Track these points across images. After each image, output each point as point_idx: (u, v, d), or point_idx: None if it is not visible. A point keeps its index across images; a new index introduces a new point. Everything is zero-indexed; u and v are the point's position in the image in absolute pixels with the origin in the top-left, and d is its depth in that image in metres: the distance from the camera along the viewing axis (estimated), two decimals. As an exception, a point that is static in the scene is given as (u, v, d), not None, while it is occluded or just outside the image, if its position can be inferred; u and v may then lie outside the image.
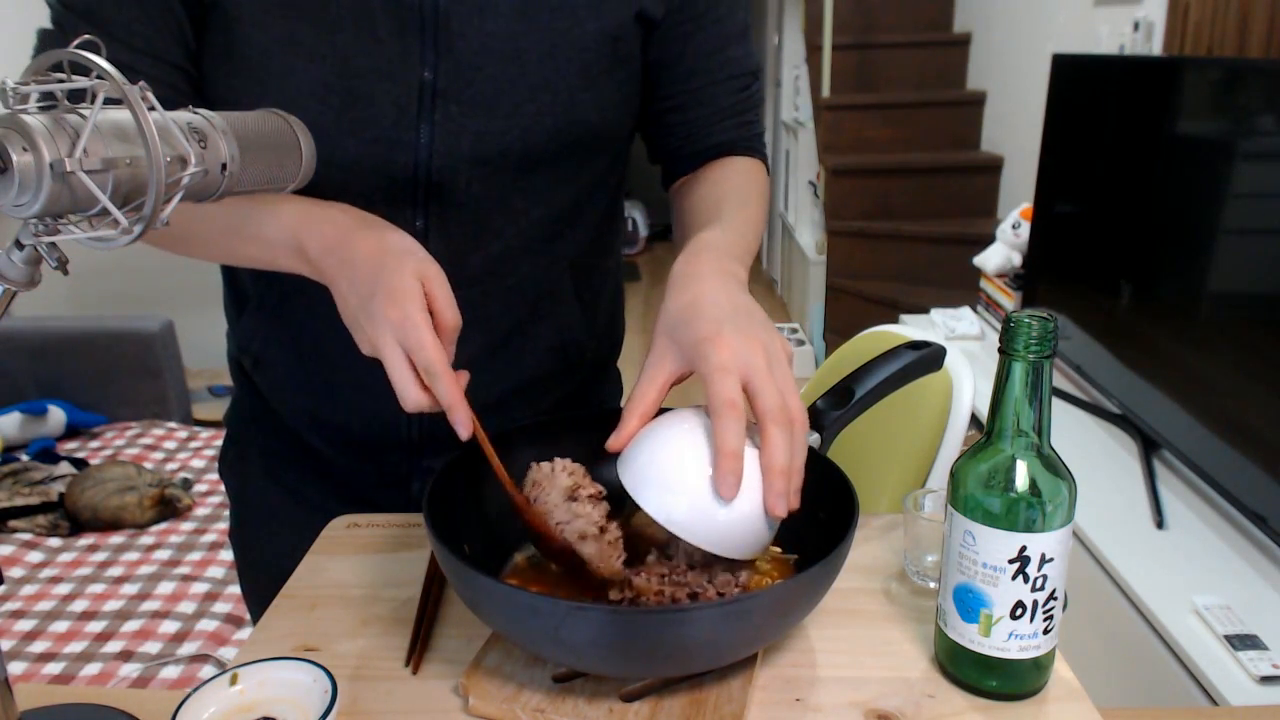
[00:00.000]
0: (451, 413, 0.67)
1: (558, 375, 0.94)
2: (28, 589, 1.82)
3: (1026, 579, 0.61)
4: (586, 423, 0.78)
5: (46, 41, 0.77)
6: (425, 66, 0.77)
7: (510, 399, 0.90)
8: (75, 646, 1.64)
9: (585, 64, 0.80)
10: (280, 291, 0.88)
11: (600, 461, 0.70)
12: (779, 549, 0.75)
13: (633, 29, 0.83)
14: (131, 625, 1.69)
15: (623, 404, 0.69)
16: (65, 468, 2.21)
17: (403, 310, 0.65)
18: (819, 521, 0.71)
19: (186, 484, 2.24)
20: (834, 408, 0.78)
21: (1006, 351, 0.60)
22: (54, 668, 1.59)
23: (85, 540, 2.02)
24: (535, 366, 0.92)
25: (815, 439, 0.76)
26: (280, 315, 0.90)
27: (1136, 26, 2.32)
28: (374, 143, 0.78)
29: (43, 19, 0.80)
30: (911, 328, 1.28)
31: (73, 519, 2.07)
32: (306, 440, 0.94)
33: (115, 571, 1.89)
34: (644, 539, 0.70)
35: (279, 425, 0.95)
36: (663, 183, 0.96)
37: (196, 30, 0.77)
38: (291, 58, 0.75)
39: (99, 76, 0.47)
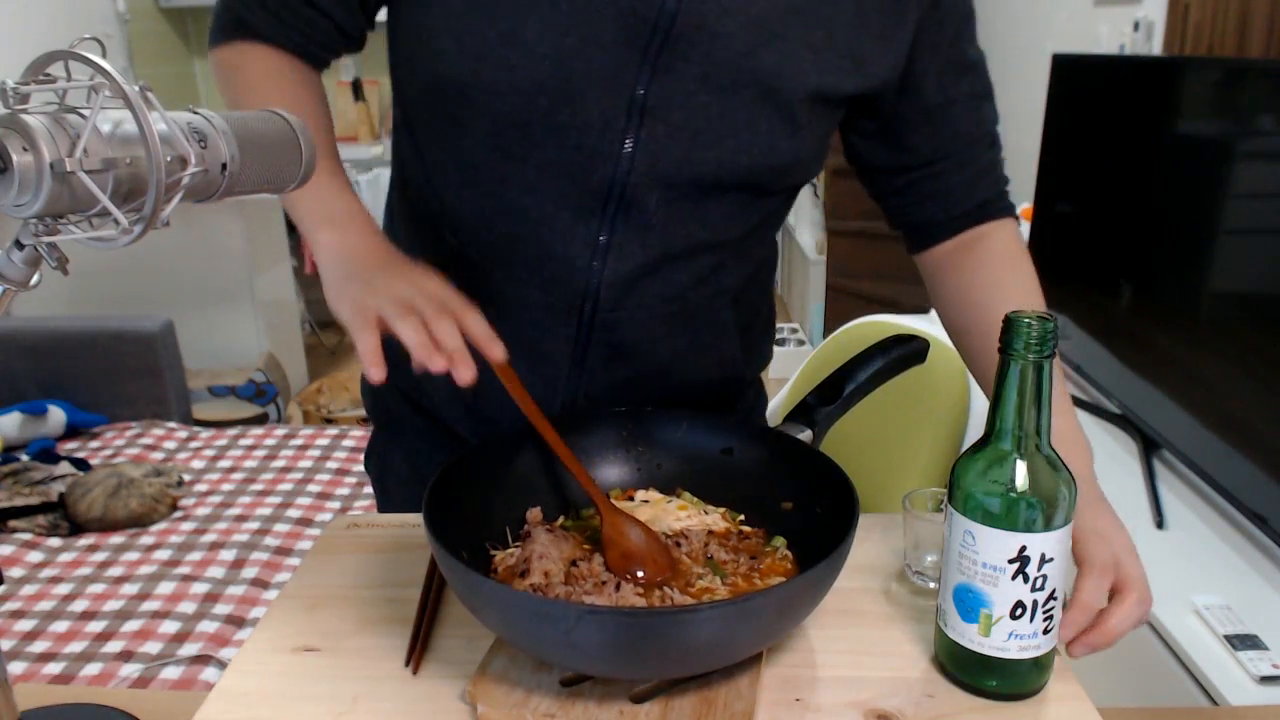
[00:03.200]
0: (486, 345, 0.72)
1: (713, 407, 0.95)
2: (28, 589, 1.82)
3: (1026, 579, 0.61)
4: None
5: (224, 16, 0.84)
6: (640, 82, 0.76)
7: None
8: (75, 646, 1.64)
9: (794, 113, 0.80)
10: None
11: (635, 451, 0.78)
12: (784, 540, 0.75)
13: (848, 96, 0.83)
14: (131, 625, 1.69)
15: None
16: (65, 468, 2.20)
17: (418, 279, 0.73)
18: (819, 520, 0.72)
19: (180, 483, 2.24)
20: (824, 403, 0.79)
21: (1006, 352, 0.60)
22: (54, 668, 1.59)
23: (85, 540, 2.02)
24: (691, 399, 0.92)
25: (807, 434, 0.77)
26: None
27: (1136, 26, 2.32)
28: (575, 149, 0.78)
29: (40, 21, 0.80)
30: (907, 317, 1.29)
31: (75, 523, 2.07)
32: (455, 431, 0.95)
33: (115, 571, 1.88)
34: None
35: (426, 420, 0.97)
36: (910, 249, 0.94)
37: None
38: (510, 52, 0.75)
39: (99, 76, 0.47)
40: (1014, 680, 0.64)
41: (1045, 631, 0.63)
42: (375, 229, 0.80)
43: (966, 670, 0.65)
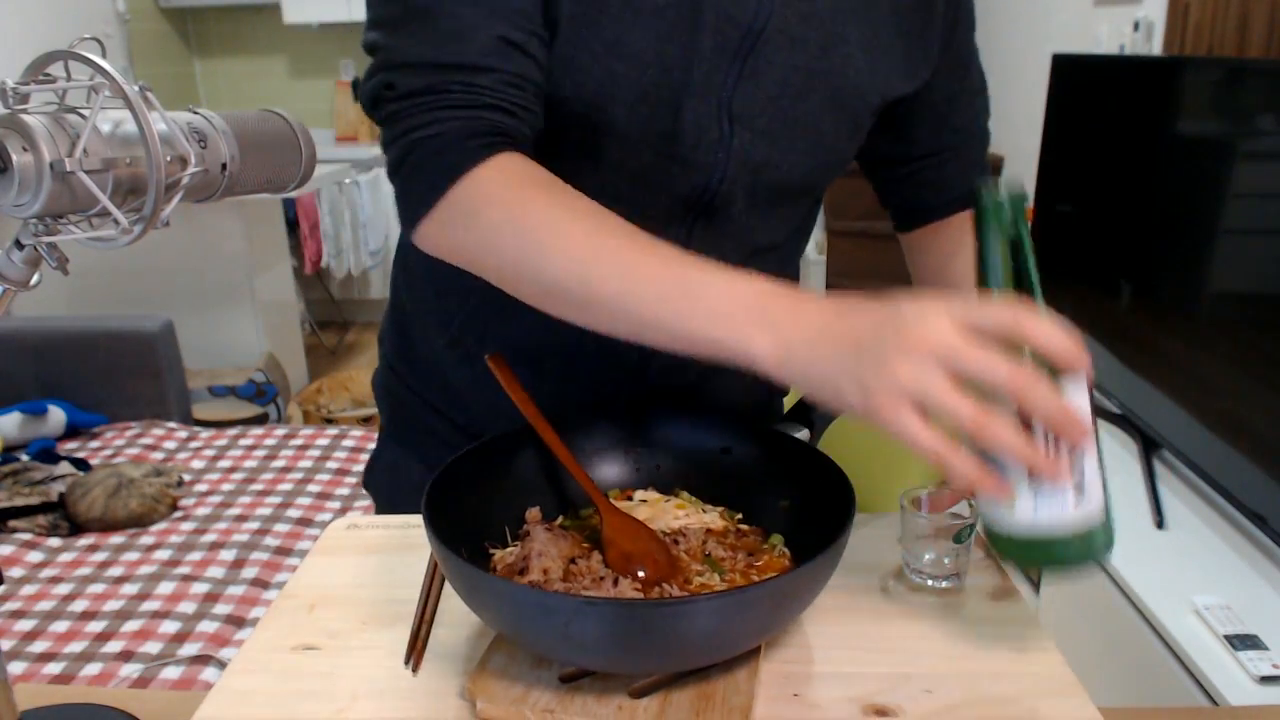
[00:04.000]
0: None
1: (760, 405, 0.97)
2: (28, 589, 1.82)
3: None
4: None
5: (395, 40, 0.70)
6: (726, 89, 0.76)
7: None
8: (75, 646, 1.64)
9: (856, 113, 0.82)
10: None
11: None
12: (781, 538, 0.75)
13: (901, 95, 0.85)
14: (131, 625, 1.69)
15: None
16: (65, 468, 2.21)
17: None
18: (817, 518, 0.72)
19: (180, 483, 2.24)
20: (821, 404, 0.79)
21: (979, 232, 0.60)
22: (54, 668, 1.59)
23: (85, 540, 2.02)
24: (743, 397, 0.90)
25: (805, 434, 0.77)
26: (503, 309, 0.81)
27: (1136, 26, 2.33)
28: (669, 158, 0.77)
29: (40, 21, 0.79)
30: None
31: (75, 523, 2.07)
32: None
33: (115, 571, 1.89)
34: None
35: (454, 430, 0.94)
36: (899, 227, 0.99)
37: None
38: (616, 63, 0.72)
39: (99, 76, 0.47)
40: (1070, 551, 0.60)
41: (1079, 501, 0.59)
42: (807, 293, 0.63)
43: (1013, 552, 0.62)
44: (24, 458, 2.29)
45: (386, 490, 1.04)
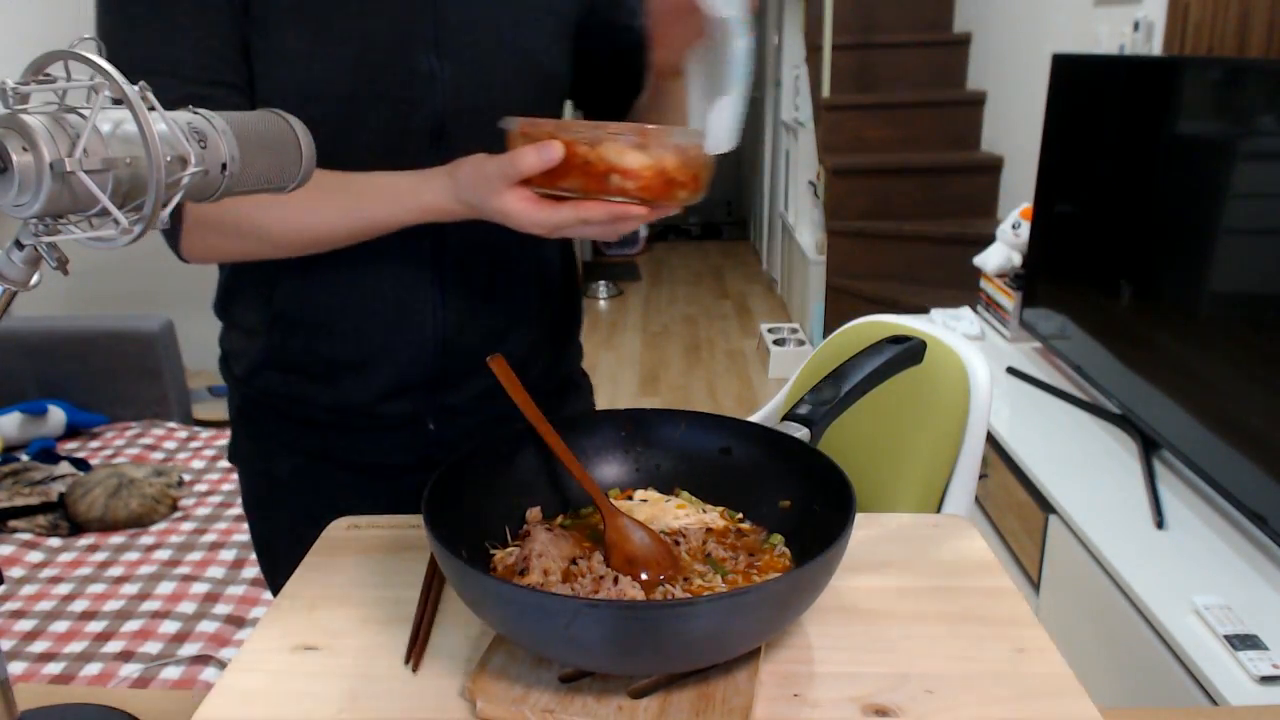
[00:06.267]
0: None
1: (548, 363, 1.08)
2: (28, 589, 1.83)
3: None
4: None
5: None
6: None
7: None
8: (75, 646, 1.64)
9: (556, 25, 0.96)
10: (302, 266, 0.96)
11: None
12: (782, 538, 0.75)
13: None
14: (131, 625, 1.69)
15: None
16: (65, 468, 2.21)
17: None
18: (817, 517, 0.72)
19: (180, 483, 2.24)
20: (820, 403, 0.79)
21: None
22: (54, 668, 1.59)
23: (85, 540, 2.02)
24: (530, 354, 1.04)
25: (805, 434, 0.77)
26: (309, 287, 0.99)
27: (1136, 26, 2.33)
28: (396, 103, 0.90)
29: (40, 21, 0.80)
30: (907, 318, 1.28)
31: (75, 523, 2.07)
32: (324, 413, 1.02)
33: (115, 571, 1.89)
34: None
35: (294, 409, 1.05)
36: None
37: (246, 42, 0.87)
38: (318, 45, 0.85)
39: (99, 76, 0.47)
40: None
41: None
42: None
43: None
44: (24, 458, 2.29)
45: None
